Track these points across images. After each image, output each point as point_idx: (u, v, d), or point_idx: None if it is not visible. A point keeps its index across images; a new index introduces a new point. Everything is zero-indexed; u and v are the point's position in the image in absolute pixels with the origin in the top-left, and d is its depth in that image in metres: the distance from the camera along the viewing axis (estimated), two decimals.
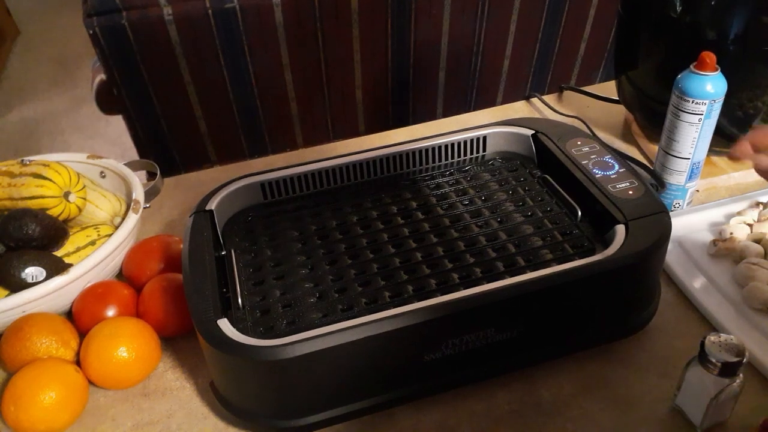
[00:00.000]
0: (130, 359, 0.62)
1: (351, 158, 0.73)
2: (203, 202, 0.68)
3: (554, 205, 0.68)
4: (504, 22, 1.30)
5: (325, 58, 1.23)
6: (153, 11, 1.09)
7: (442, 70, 1.34)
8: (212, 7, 1.10)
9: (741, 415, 0.56)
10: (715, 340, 0.52)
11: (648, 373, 0.61)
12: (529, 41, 1.36)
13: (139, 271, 0.72)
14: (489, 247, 0.63)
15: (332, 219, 0.68)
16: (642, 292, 0.62)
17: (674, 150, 0.73)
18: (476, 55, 1.34)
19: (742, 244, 0.70)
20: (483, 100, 1.44)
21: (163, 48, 1.12)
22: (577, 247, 0.62)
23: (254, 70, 1.21)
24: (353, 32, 1.21)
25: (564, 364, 0.62)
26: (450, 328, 0.54)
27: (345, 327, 0.52)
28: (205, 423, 0.60)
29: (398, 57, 1.28)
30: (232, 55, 1.17)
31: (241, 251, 0.65)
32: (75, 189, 0.74)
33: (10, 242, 0.69)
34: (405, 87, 1.35)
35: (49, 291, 0.65)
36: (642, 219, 0.60)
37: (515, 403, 0.60)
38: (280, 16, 1.14)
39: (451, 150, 0.76)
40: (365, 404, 0.57)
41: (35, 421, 0.58)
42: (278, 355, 0.51)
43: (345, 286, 0.60)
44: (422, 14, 1.23)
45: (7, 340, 0.63)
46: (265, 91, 1.25)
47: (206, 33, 1.13)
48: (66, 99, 2.67)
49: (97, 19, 1.07)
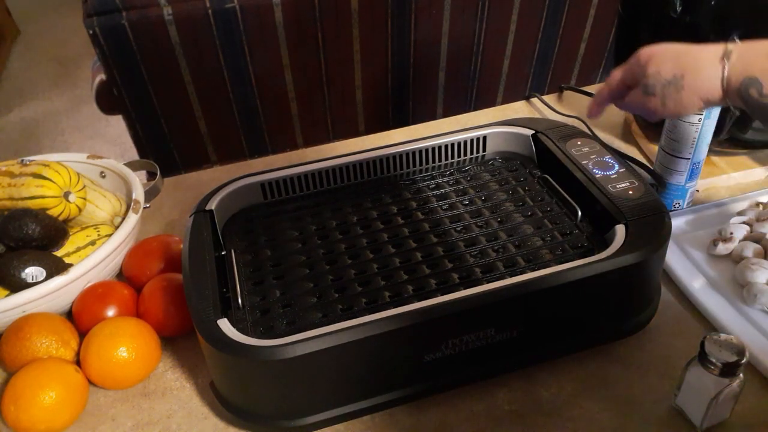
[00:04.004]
0: (130, 359, 0.62)
1: (351, 158, 0.73)
2: (203, 202, 0.68)
3: (554, 205, 0.68)
4: (504, 22, 1.30)
5: (325, 58, 1.24)
6: (153, 11, 1.09)
7: (442, 70, 1.34)
8: (212, 7, 1.10)
9: (741, 414, 0.56)
10: (715, 340, 0.52)
11: (648, 372, 0.61)
12: (529, 41, 1.36)
13: (139, 271, 0.72)
14: (489, 247, 0.63)
15: (332, 219, 0.68)
16: (642, 292, 0.62)
17: (674, 150, 0.73)
18: (476, 55, 1.34)
19: (742, 244, 0.70)
20: (483, 100, 1.44)
21: (163, 48, 1.12)
22: (577, 247, 0.62)
23: (254, 70, 1.21)
24: (353, 32, 1.21)
25: (564, 363, 0.62)
26: (450, 328, 0.54)
27: (345, 327, 0.52)
28: (205, 423, 0.60)
29: (398, 57, 1.28)
30: (232, 55, 1.17)
31: (241, 251, 0.65)
32: (75, 189, 0.74)
33: (10, 242, 0.69)
34: (405, 87, 1.35)
35: (49, 291, 0.65)
36: (642, 219, 0.60)
37: (515, 403, 0.60)
38: (280, 16, 1.14)
39: (451, 150, 0.76)
40: (365, 404, 0.57)
41: (35, 421, 0.58)
42: (278, 355, 0.51)
43: (345, 286, 0.60)
44: (422, 14, 1.23)
45: (8, 340, 0.63)
46: (265, 91, 1.25)
47: (206, 33, 1.13)
48: (66, 99, 2.67)
49: (97, 19, 1.07)
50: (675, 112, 0.55)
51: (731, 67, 0.51)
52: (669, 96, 0.54)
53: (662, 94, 0.55)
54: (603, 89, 0.62)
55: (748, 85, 0.50)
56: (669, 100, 0.54)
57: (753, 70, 0.50)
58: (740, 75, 0.50)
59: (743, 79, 0.50)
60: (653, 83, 0.55)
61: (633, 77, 0.58)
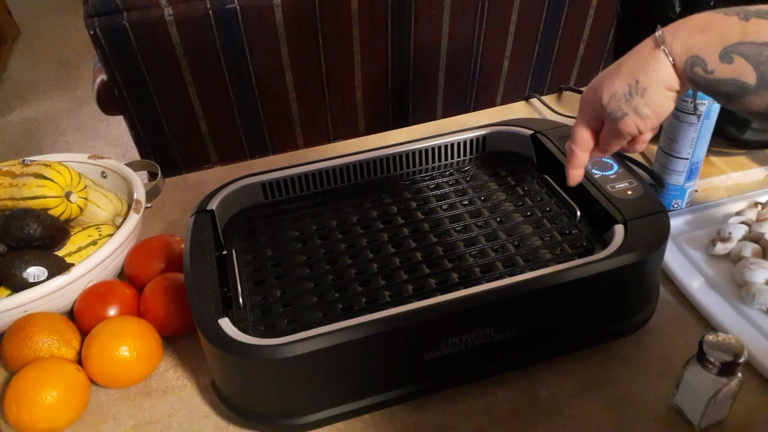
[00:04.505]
0: (131, 358, 0.62)
1: (351, 158, 0.73)
2: (204, 201, 0.68)
3: (553, 205, 0.68)
4: (504, 22, 1.31)
5: (325, 59, 1.24)
6: (154, 12, 1.09)
7: (442, 70, 1.35)
8: (213, 8, 1.11)
9: (739, 414, 0.57)
10: (714, 339, 0.52)
11: (647, 372, 0.61)
12: (528, 41, 1.36)
13: (140, 270, 0.72)
14: (488, 247, 0.63)
15: (332, 219, 0.69)
16: (641, 291, 0.62)
17: (673, 150, 0.74)
18: (476, 55, 1.34)
19: (741, 243, 0.70)
20: (482, 100, 1.44)
21: (163, 48, 1.13)
22: (576, 247, 0.62)
23: (254, 71, 1.21)
24: (353, 32, 1.21)
25: (563, 363, 0.62)
26: (450, 327, 0.55)
27: (345, 326, 0.52)
28: (206, 422, 0.61)
29: (398, 57, 1.29)
30: (232, 55, 1.17)
31: (242, 251, 0.65)
32: (76, 189, 0.74)
33: (11, 242, 0.70)
34: (405, 87, 1.35)
35: (50, 291, 0.65)
36: (641, 219, 0.60)
37: (515, 401, 0.60)
38: (280, 16, 1.14)
39: (451, 150, 0.76)
40: (365, 403, 0.57)
41: (37, 420, 0.58)
42: (279, 354, 0.51)
43: (345, 285, 0.60)
44: (422, 14, 1.23)
45: (9, 340, 0.63)
46: (266, 92, 1.25)
47: (207, 33, 1.13)
48: (67, 99, 2.67)
49: (98, 19, 1.08)
50: (655, 115, 0.52)
51: (672, 50, 0.48)
52: (638, 104, 0.51)
53: (632, 107, 0.51)
54: (574, 154, 0.57)
55: (692, 64, 0.47)
56: (641, 107, 0.51)
57: (692, 49, 0.47)
58: (683, 56, 0.48)
59: (686, 59, 0.48)
60: (616, 105, 0.51)
61: (596, 119, 0.55)
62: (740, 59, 0.45)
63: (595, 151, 0.57)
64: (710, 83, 0.47)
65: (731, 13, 0.46)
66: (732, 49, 0.45)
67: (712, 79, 0.47)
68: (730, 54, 0.45)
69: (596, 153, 0.58)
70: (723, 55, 0.46)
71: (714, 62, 0.46)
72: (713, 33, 0.47)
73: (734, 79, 0.46)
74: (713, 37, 0.46)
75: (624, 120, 0.52)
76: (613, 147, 0.56)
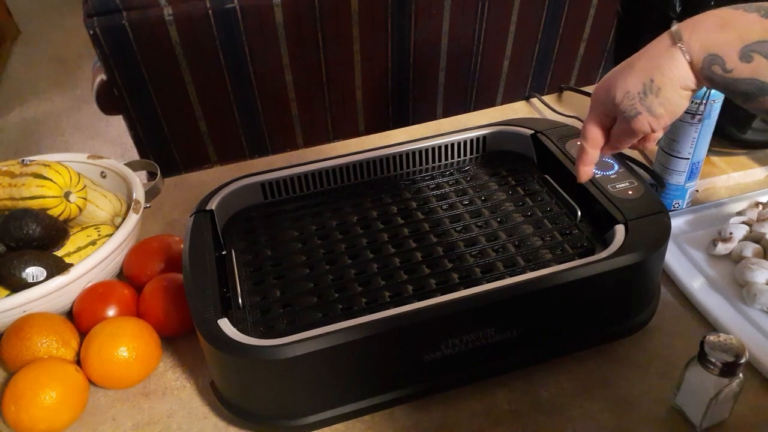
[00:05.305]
0: (130, 359, 0.62)
1: (351, 158, 0.73)
2: (203, 202, 0.68)
3: (554, 205, 0.68)
4: (504, 22, 1.31)
5: (325, 58, 1.24)
6: (153, 12, 1.09)
7: (442, 70, 1.34)
8: (212, 8, 1.10)
9: (741, 414, 0.57)
10: (715, 340, 0.52)
11: (647, 372, 0.61)
12: (529, 41, 1.36)
13: (139, 271, 0.72)
14: (489, 247, 0.63)
15: (332, 219, 0.68)
16: (641, 291, 0.62)
17: (674, 150, 0.74)
18: (476, 55, 1.34)
19: (742, 244, 0.70)
20: (483, 100, 1.44)
21: (163, 48, 1.13)
22: (576, 247, 0.62)
23: (254, 70, 1.21)
24: (353, 32, 1.21)
25: (564, 363, 0.62)
26: (450, 327, 0.55)
27: (345, 327, 0.52)
28: (206, 423, 0.60)
29: (398, 57, 1.29)
30: (232, 55, 1.17)
31: (242, 251, 0.65)
32: (75, 189, 0.74)
33: (10, 242, 0.70)
34: (405, 87, 1.35)
35: (49, 291, 0.65)
36: (641, 219, 0.60)
37: (515, 402, 0.60)
38: (280, 16, 1.14)
39: (451, 150, 0.76)
40: (365, 404, 0.57)
41: (36, 421, 0.58)
42: (278, 354, 0.51)
43: (345, 285, 0.60)
44: (422, 14, 1.23)
45: (8, 340, 0.63)
46: (265, 91, 1.25)
47: (206, 33, 1.13)
48: (66, 99, 2.67)
49: (97, 19, 1.08)
50: (669, 114, 0.51)
51: (689, 48, 0.47)
52: (653, 103, 0.50)
53: (646, 107, 0.50)
54: (584, 151, 0.57)
55: (711, 63, 0.46)
56: (656, 107, 0.50)
57: (711, 47, 0.46)
58: (700, 54, 0.47)
59: (704, 57, 0.46)
60: (630, 104, 0.51)
61: (607, 116, 0.54)
62: (760, 58, 0.44)
63: (606, 148, 0.57)
64: (728, 83, 0.46)
65: (751, 9, 0.46)
66: (752, 48, 0.45)
67: (730, 78, 0.46)
68: (750, 53, 0.45)
69: (606, 150, 0.57)
70: (743, 53, 0.45)
71: (733, 61, 0.45)
72: (733, 31, 0.46)
73: (754, 79, 0.45)
74: (733, 35, 0.46)
75: (637, 119, 0.51)
76: (625, 144, 0.55)
